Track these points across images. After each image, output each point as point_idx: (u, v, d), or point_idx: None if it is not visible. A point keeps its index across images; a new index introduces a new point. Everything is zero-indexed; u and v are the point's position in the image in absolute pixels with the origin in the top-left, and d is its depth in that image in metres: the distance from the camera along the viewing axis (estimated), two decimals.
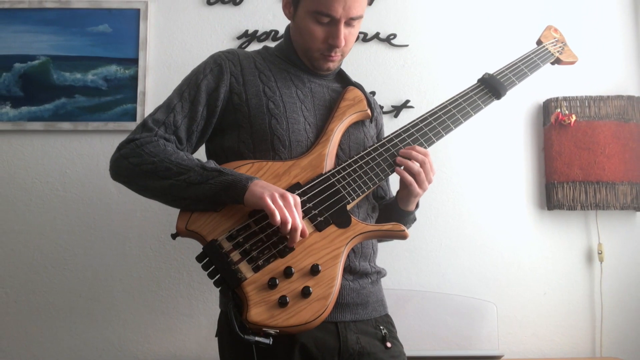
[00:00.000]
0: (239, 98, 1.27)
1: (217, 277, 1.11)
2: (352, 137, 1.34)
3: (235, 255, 1.11)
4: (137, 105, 2.09)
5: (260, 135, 1.25)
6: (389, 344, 1.27)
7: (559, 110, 2.08)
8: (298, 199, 1.12)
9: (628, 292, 2.10)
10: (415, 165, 1.26)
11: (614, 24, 2.22)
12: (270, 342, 1.06)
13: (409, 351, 1.35)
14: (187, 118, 1.25)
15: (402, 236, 1.22)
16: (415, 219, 1.44)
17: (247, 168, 1.20)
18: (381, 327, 1.29)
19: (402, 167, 1.27)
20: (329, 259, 1.14)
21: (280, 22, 2.15)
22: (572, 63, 1.65)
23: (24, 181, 2.08)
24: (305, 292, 1.09)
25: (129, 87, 2.11)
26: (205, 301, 2.05)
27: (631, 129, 2.08)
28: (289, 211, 1.08)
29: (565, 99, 2.09)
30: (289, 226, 1.07)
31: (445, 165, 2.13)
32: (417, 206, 1.39)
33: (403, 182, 1.29)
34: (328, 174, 1.23)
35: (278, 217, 1.06)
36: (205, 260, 1.11)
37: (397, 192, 1.36)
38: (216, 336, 1.28)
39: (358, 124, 1.36)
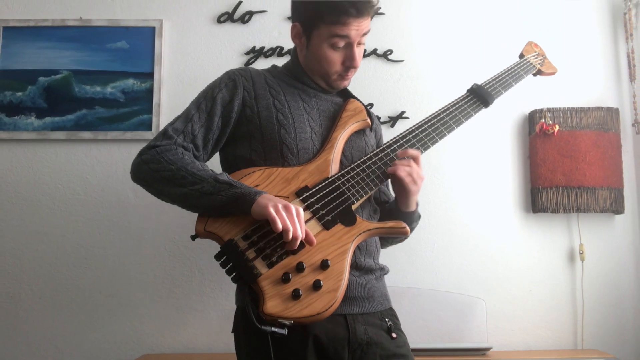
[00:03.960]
0: (250, 110, 1.30)
1: (234, 274, 1.13)
2: (354, 144, 1.37)
3: (250, 253, 1.13)
4: (152, 116, 2.11)
5: (270, 144, 1.28)
6: (394, 335, 1.29)
7: (543, 120, 2.09)
8: (300, 210, 1.14)
9: (607, 289, 2.10)
10: (407, 167, 1.29)
11: (594, 41, 2.23)
12: (286, 332, 1.08)
13: None
14: (203, 127, 1.27)
15: (403, 233, 1.24)
16: (419, 216, 1.45)
17: (259, 174, 1.23)
18: (386, 319, 1.31)
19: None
20: (337, 254, 1.16)
21: (285, 39, 2.19)
22: (552, 74, 1.70)
23: (48, 186, 2.10)
24: (317, 285, 1.11)
25: (145, 99, 2.13)
26: (216, 298, 2.07)
27: (610, 138, 2.10)
28: (290, 220, 1.10)
29: (549, 110, 2.11)
30: (290, 234, 1.09)
31: (438, 172, 2.15)
32: (417, 205, 1.40)
33: (396, 184, 1.31)
34: (334, 178, 1.25)
35: (279, 225, 1.09)
36: (223, 259, 1.13)
37: (395, 196, 1.39)
38: (232, 332, 1.31)
39: (359, 133, 1.39)
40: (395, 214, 1.38)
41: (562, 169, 2.07)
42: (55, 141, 2.12)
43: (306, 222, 1.18)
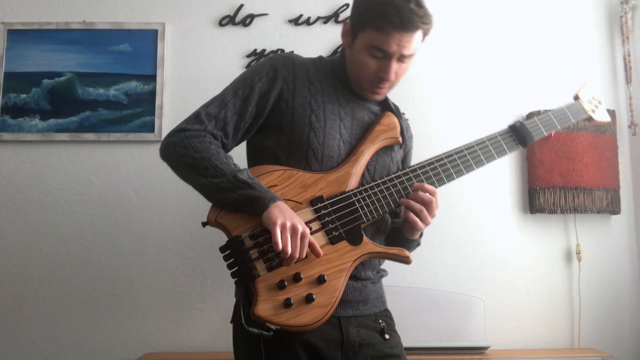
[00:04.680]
0: (286, 104, 1.27)
1: (234, 269, 1.14)
2: (380, 160, 1.32)
3: (253, 253, 1.14)
4: (155, 118, 2.13)
5: (297, 144, 1.25)
6: (387, 336, 1.28)
7: None
8: (307, 231, 1.13)
9: (604, 288, 2.11)
10: (417, 206, 1.24)
11: (591, 44, 2.25)
12: (272, 334, 1.10)
13: (403, 343, 1.36)
14: (236, 115, 1.26)
15: (406, 262, 1.23)
16: (419, 244, 1.42)
17: (279, 174, 1.22)
18: (380, 321, 1.30)
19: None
20: (336, 271, 1.16)
21: (285, 42, 2.20)
22: (603, 123, 1.60)
23: (52, 187, 2.11)
24: (309, 299, 1.13)
25: (147, 101, 2.14)
26: (218, 297, 2.08)
27: (607, 139, 2.11)
28: (292, 243, 1.10)
29: (546, 111, 2.13)
30: (288, 255, 1.10)
31: None
32: (421, 235, 1.37)
33: (406, 215, 1.27)
34: (350, 193, 1.23)
35: (280, 247, 1.08)
36: (227, 253, 1.14)
37: (403, 220, 1.34)
38: (231, 322, 1.31)
39: (387, 149, 1.34)
40: (398, 234, 1.36)
41: (559, 170, 2.08)
42: (59, 142, 2.14)
43: (313, 232, 1.17)
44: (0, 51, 2.15)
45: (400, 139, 1.33)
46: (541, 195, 2.09)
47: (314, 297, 1.13)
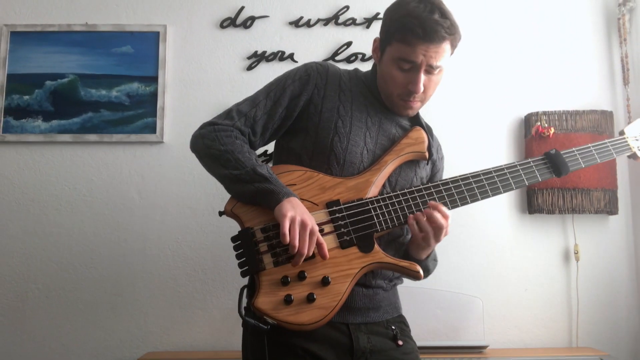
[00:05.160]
0: (314, 108, 1.29)
1: (242, 259, 1.15)
2: (403, 173, 1.31)
3: (263, 246, 1.15)
4: (156, 119, 2.14)
5: (320, 147, 1.26)
6: (400, 342, 1.26)
7: (539, 123, 2.11)
8: (316, 228, 1.13)
9: (601, 288, 2.12)
10: (426, 226, 1.20)
11: (589, 46, 2.25)
12: (268, 328, 1.10)
13: None
14: (266, 115, 1.28)
15: (416, 277, 1.19)
16: (435, 260, 1.38)
17: (299, 174, 1.24)
18: (392, 327, 1.28)
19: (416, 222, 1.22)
20: (342, 275, 1.15)
21: (286, 44, 2.21)
22: None
23: (55, 188, 2.12)
24: (310, 298, 1.12)
25: (149, 103, 2.15)
26: (219, 297, 2.09)
27: (604, 140, 2.12)
28: (301, 238, 1.10)
29: (544, 113, 2.13)
30: (295, 250, 1.10)
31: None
32: (427, 257, 1.32)
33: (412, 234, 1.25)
34: (367, 200, 1.22)
35: (287, 239, 1.09)
36: (237, 243, 1.17)
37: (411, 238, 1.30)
38: (242, 326, 1.28)
39: (412, 163, 1.32)
40: (405, 252, 1.33)
41: None
42: (61, 143, 2.15)
43: (324, 235, 1.17)
44: (3, 53, 2.16)
45: (426, 154, 1.31)
46: (539, 195, 2.10)
47: (315, 297, 1.12)
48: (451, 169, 2.12)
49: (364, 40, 2.20)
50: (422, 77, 1.23)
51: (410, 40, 1.19)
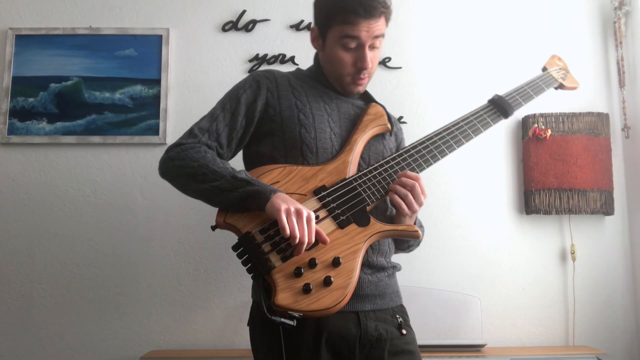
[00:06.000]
0: (273, 110, 1.32)
1: (249, 265, 1.15)
2: (373, 148, 1.37)
3: (266, 247, 1.15)
4: (159, 121, 2.15)
5: (291, 143, 1.29)
6: (404, 331, 1.30)
7: (536, 125, 2.13)
8: (312, 215, 1.15)
9: (597, 288, 2.13)
10: (403, 190, 1.26)
11: (586, 49, 2.27)
12: (294, 323, 1.10)
13: None
14: (227, 127, 1.30)
15: (415, 236, 1.25)
16: (422, 226, 1.44)
17: (279, 171, 1.25)
18: (397, 316, 1.31)
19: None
20: (349, 253, 1.17)
21: (287, 47, 2.23)
22: (574, 88, 1.66)
23: (59, 189, 2.13)
24: (327, 282, 1.12)
25: (152, 105, 2.17)
26: (221, 296, 2.10)
27: (600, 142, 2.13)
28: (299, 226, 1.11)
29: (541, 115, 2.15)
30: (297, 240, 1.11)
31: (436, 174, 2.17)
32: (415, 223, 1.36)
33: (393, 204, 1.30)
34: (351, 179, 1.26)
35: (287, 232, 1.10)
36: (239, 250, 1.16)
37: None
38: (248, 325, 1.32)
39: (378, 137, 1.39)
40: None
41: (554, 172, 2.10)
42: (65, 145, 2.16)
43: (321, 220, 1.20)
44: (8, 56, 2.18)
45: (389, 125, 1.39)
46: (537, 196, 2.11)
47: (332, 279, 1.13)
48: (450, 169, 2.19)
49: None
50: (368, 53, 1.30)
51: (353, 19, 1.26)
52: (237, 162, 1.37)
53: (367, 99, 1.46)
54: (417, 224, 1.39)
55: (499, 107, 1.48)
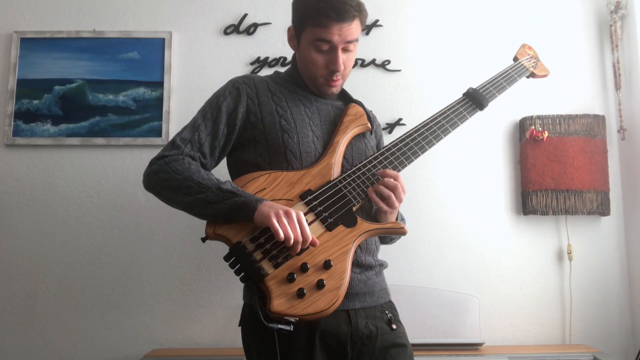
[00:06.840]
0: (255, 117, 1.32)
1: (242, 274, 1.15)
2: (355, 147, 1.38)
3: (257, 255, 1.16)
4: (162, 123, 2.17)
5: (274, 149, 1.30)
6: (394, 326, 1.32)
7: (533, 127, 2.14)
8: (301, 214, 1.16)
9: (594, 287, 2.14)
10: (386, 191, 1.27)
11: (582, 52, 2.29)
12: (292, 329, 1.11)
13: None
14: (210, 136, 1.30)
15: (401, 233, 1.27)
16: (403, 219, 1.45)
17: (265, 178, 1.25)
18: (387, 312, 1.34)
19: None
20: (339, 254, 1.19)
21: (288, 50, 2.19)
22: (544, 76, 1.69)
23: (63, 190, 2.15)
24: (320, 284, 1.14)
25: (155, 107, 2.18)
26: (223, 295, 2.11)
27: (596, 143, 2.14)
28: (291, 227, 1.12)
29: (538, 117, 2.16)
30: (292, 241, 1.12)
31: (434, 175, 2.20)
32: (397, 218, 1.38)
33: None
34: (335, 181, 1.27)
35: (282, 235, 1.11)
36: (231, 260, 1.16)
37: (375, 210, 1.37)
38: (239, 325, 1.33)
39: (360, 136, 1.40)
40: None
41: (551, 173, 2.12)
42: (70, 147, 2.18)
43: (310, 224, 1.19)
44: (13, 59, 2.19)
45: (369, 124, 1.40)
46: (534, 197, 2.13)
47: (324, 282, 1.15)
48: (449, 170, 2.21)
49: (364, 45, 2.23)
50: (341, 55, 1.30)
51: (325, 22, 1.26)
52: (221, 170, 1.38)
53: (346, 99, 1.46)
54: (398, 218, 1.41)
55: (474, 99, 1.50)
